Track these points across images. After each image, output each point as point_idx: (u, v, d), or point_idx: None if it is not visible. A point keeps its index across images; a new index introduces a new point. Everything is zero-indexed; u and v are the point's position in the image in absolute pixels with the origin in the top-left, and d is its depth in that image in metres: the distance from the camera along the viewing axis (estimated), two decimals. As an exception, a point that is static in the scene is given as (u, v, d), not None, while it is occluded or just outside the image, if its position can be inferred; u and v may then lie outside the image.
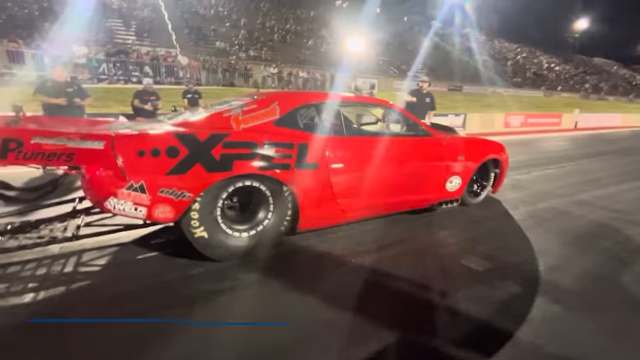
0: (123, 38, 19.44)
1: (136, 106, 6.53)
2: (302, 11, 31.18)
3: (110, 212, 1.96)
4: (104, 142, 1.87)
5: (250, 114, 2.39)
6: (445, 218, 3.34)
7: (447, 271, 2.38)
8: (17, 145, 1.71)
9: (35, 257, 2.27)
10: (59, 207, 2.61)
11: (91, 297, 1.94)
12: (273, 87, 20.11)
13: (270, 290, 2.06)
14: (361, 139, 2.83)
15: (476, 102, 21.57)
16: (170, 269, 2.23)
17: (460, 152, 3.31)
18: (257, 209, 2.42)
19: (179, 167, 2.00)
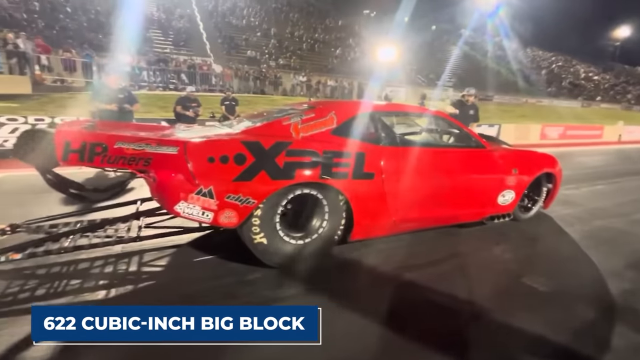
0: (162, 47, 20.41)
1: (178, 112, 6.80)
2: (330, 20, 31.58)
3: (178, 216, 2.03)
4: (178, 147, 1.95)
5: (309, 122, 2.42)
6: (496, 233, 3.22)
7: (508, 290, 2.27)
8: (102, 149, 1.81)
9: (102, 255, 2.39)
10: (121, 209, 2.74)
11: (157, 297, 2.01)
12: (302, 95, 20.38)
13: (326, 302, 2.00)
14: (415, 149, 2.79)
15: (509, 113, 20.87)
16: (228, 273, 2.27)
17: (514, 165, 3.19)
18: (312, 217, 2.43)
19: (245, 174, 2.05)
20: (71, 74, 13.12)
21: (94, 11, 19.14)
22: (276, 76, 20.51)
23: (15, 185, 4.33)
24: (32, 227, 2.38)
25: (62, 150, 1.77)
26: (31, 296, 1.91)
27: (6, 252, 1.96)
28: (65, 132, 1.83)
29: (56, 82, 12.48)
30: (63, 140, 1.78)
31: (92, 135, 1.85)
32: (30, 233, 2.34)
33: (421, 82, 26.31)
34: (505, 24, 37.23)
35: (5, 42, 11.73)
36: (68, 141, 1.78)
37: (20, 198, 3.69)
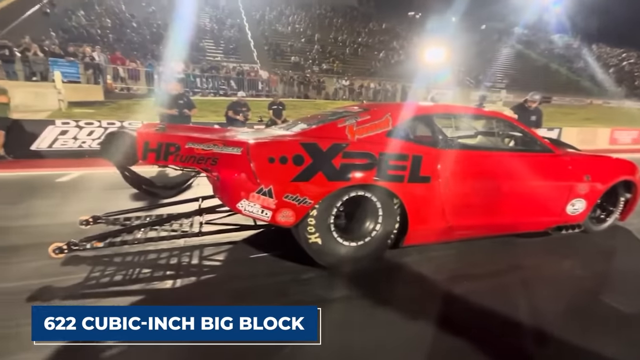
0: (213, 55, 21.67)
1: (230, 116, 7.14)
2: (374, 24, 31.38)
3: (239, 213, 2.12)
4: (241, 148, 2.05)
5: (364, 124, 2.41)
6: (564, 245, 2.96)
7: (583, 309, 2.05)
8: (175, 149, 1.96)
9: (167, 247, 2.57)
10: (183, 205, 2.93)
11: (220, 289, 2.11)
12: (344, 99, 20.43)
13: (378, 308, 1.97)
14: (475, 153, 2.66)
15: (571, 115, 19.16)
16: (282, 271, 2.33)
17: (586, 171, 2.91)
18: (365, 220, 2.41)
19: (303, 175, 2.09)
20: (136, 82, 14.41)
21: (155, 25, 20.86)
22: (319, 81, 20.79)
23: (90, 182, 4.87)
24: (110, 219, 2.65)
25: (142, 149, 1.95)
26: (110, 281, 2.11)
27: (91, 240, 2.19)
28: (145, 134, 2.01)
29: (123, 90, 13.79)
30: (143, 141, 1.96)
31: (166, 137, 2.02)
32: (108, 224, 2.60)
33: (469, 83, 25.11)
34: (565, 19, 34.23)
35: (83, 55, 13.24)
36: (147, 142, 1.96)
37: (94, 194, 4.15)
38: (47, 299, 1.89)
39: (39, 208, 3.52)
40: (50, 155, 6.73)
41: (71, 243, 2.13)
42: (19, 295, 1.90)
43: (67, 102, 10.17)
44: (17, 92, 8.17)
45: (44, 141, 6.81)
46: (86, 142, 7.07)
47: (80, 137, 7.03)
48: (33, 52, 11.64)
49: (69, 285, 2.03)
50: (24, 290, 1.94)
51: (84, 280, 2.09)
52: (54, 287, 2.01)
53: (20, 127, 6.63)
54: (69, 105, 10.17)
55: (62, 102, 9.99)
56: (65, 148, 6.91)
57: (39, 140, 6.77)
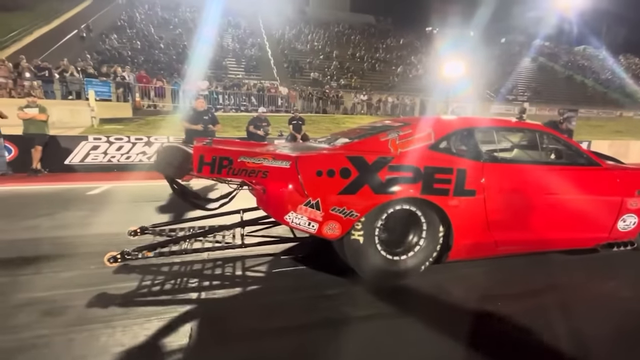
0: (235, 73, 22.42)
1: (251, 131, 7.26)
2: (391, 40, 31.77)
3: (287, 225, 2.15)
4: (290, 162, 2.09)
5: (407, 138, 2.42)
6: (605, 264, 2.81)
7: (634, 333, 1.91)
8: (228, 163, 2.03)
9: (211, 258, 2.62)
10: (220, 218, 2.99)
11: (248, 305, 2.10)
12: (362, 114, 20.58)
13: (406, 327, 1.90)
14: (519, 166, 2.61)
15: (600, 128, 18.53)
16: (309, 285, 2.32)
17: (637, 185, 2.80)
18: (409, 234, 2.39)
19: (350, 188, 2.11)
20: (162, 100, 15.03)
21: (182, 46, 21.87)
22: (337, 96, 21.08)
23: (118, 195, 5.10)
24: (156, 231, 2.73)
25: (198, 163, 2.03)
26: (161, 290, 2.16)
27: (142, 250, 2.26)
28: (201, 148, 2.09)
29: (150, 107, 14.40)
30: (199, 154, 2.04)
31: (220, 151, 2.09)
32: (155, 235, 2.68)
33: (490, 97, 24.82)
34: (588, 30, 33.61)
35: (115, 75, 14.00)
36: (202, 155, 2.03)
37: (122, 206, 4.35)
38: (105, 305, 1.96)
39: (70, 219, 3.70)
40: (82, 169, 7.11)
41: (125, 252, 2.21)
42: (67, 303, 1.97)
43: (99, 119, 10.72)
44: (54, 110, 8.72)
45: (76, 156, 7.22)
46: (115, 156, 7.44)
47: (110, 152, 7.40)
48: (70, 72, 12.39)
49: (123, 293, 2.09)
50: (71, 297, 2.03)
51: (137, 289, 2.15)
52: (109, 295, 2.08)
53: (56, 143, 7.06)
54: (100, 122, 10.71)
55: (94, 119, 10.55)
56: (96, 162, 7.29)
57: (72, 155, 7.18)
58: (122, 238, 2.74)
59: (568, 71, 30.81)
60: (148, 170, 6.81)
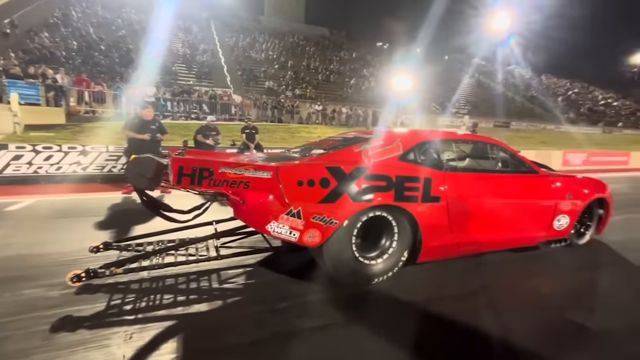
0: (185, 79, 21.56)
1: (199, 140, 6.89)
2: (345, 53, 32.94)
3: (268, 235, 2.17)
4: (271, 172, 2.12)
5: (378, 149, 2.58)
6: (531, 264, 3.11)
7: (552, 327, 2.10)
8: (209, 174, 2.00)
9: (183, 272, 2.51)
10: (191, 230, 2.89)
11: (191, 324, 1.98)
12: (317, 123, 20.97)
13: (356, 336, 1.92)
14: (475, 175, 2.91)
15: (527, 139, 20.89)
16: (258, 299, 2.24)
17: (567, 190, 3.26)
18: (380, 239, 2.54)
19: (330, 196, 2.20)
20: (101, 105, 13.92)
21: (125, 48, 20.54)
22: (293, 105, 21.26)
23: (42, 210, 4.52)
24: (121, 246, 2.56)
25: (176, 174, 1.96)
26: (134, 308, 2.03)
27: (110, 267, 2.12)
28: (180, 159, 2.02)
29: (88, 113, 13.23)
30: (177, 165, 1.97)
31: (201, 162, 2.05)
32: (120, 251, 2.51)
33: (436, 109, 26.77)
34: (517, 53, 38.15)
35: (45, 77, 12.66)
36: (182, 166, 1.98)
37: (46, 223, 3.86)
38: (72, 329, 1.79)
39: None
40: (1, 182, 6.19)
41: (90, 270, 2.05)
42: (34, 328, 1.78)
43: (24, 125, 9.55)
44: (-33, 115, 7.57)
45: (-6, 167, 6.27)
46: (43, 167, 6.58)
47: (36, 162, 6.55)
48: (-13, 73, 10.96)
49: (91, 314, 1.93)
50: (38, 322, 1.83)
51: (107, 309, 2.00)
52: (75, 317, 1.91)
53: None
54: (25, 129, 9.54)
55: (17, 125, 9.35)
56: (19, 174, 6.40)
57: (-12, 165, 6.22)
58: (41, 260, 2.49)
59: (501, 88, 34.47)
60: (83, 182, 6.26)
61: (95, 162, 6.87)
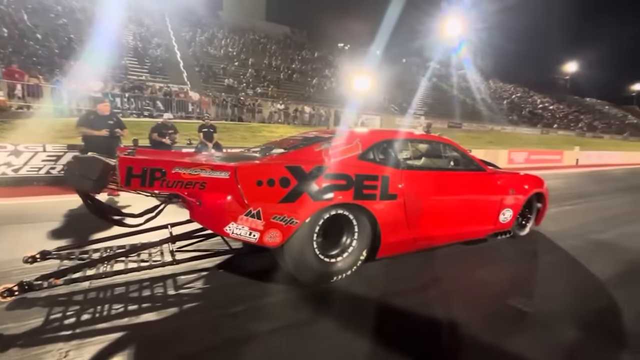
0: (137, 74, 20.27)
1: (154, 139, 6.56)
2: (306, 52, 32.96)
3: (227, 237, 2.10)
4: (229, 172, 2.06)
5: (338, 149, 2.61)
6: (477, 256, 3.29)
7: (496, 313, 2.27)
8: (161, 174, 1.89)
9: (136, 279, 2.36)
10: (144, 235, 2.73)
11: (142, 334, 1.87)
12: (280, 123, 20.80)
13: (313, 335, 1.91)
14: (429, 173, 3.05)
15: (477, 139, 22.38)
16: (211, 305, 2.16)
17: (510, 185, 3.53)
18: (341, 237, 2.58)
19: (290, 196, 2.18)
20: (37, 100, 12.65)
21: (66, 38, 18.84)
22: (254, 104, 20.88)
23: None
24: (62, 255, 2.34)
25: (125, 175, 1.83)
26: (77, 322, 1.86)
27: (48, 278, 1.93)
28: (128, 159, 1.88)
29: (22, 109, 11.96)
30: (125, 166, 1.84)
31: (152, 162, 1.92)
32: (62, 260, 2.30)
33: (394, 110, 27.73)
34: (468, 58, 40.94)
35: (-37, 68, 11.23)
36: (130, 167, 1.84)
37: None
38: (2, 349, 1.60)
39: None
40: None
41: (24, 283, 1.85)
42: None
43: None
44: None
45: None
46: None
47: None
48: None
49: (24, 332, 1.74)
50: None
51: (44, 324, 1.81)
52: (5, 336, 1.71)
53: None
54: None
55: None
56: None
57: None
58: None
59: (454, 91, 36.64)
60: (15, 186, 5.66)
61: (29, 163, 6.20)
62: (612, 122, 50.21)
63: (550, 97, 49.86)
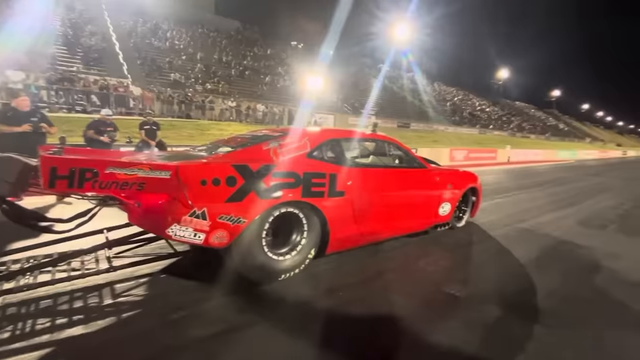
0: (67, 65, 18.33)
1: (90, 137, 5.96)
2: (259, 49, 32.33)
3: (169, 239, 2.01)
4: (170, 172, 1.97)
5: (286, 147, 2.63)
6: (418, 247, 3.48)
7: (432, 299, 2.43)
8: (92, 175, 1.75)
9: (67, 290, 2.16)
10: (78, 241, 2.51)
11: None
12: (231, 120, 20.21)
13: (257, 337, 1.88)
14: (375, 170, 3.19)
15: (424, 138, 23.80)
16: (149, 312, 2.06)
17: (448, 181, 3.83)
18: (291, 235, 2.60)
19: (237, 195, 2.15)
20: None
21: (-22, 21, 16.42)
22: (203, 101, 20.03)
23: None
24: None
25: (48, 176, 1.65)
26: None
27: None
28: (52, 158, 1.70)
29: None
30: (49, 166, 1.66)
31: (81, 161, 1.76)
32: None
33: (347, 110, 28.36)
34: (415, 62, 43.47)
35: None
36: (55, 167, 1.67)
37: None
38: None
39: None
40: None
41: None
42: None
43: None
44: None
45: None
46: None
47: None
48: None
49: None
50: None
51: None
52: None
53: None
54: None
55: None
56: None
57: None
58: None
59: (403, 92, 38.55)
60: None
61: None
62: (537, 124, 56.69)
63: (487, 100, 54.81)
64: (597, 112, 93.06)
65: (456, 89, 53.41)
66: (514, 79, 66.69)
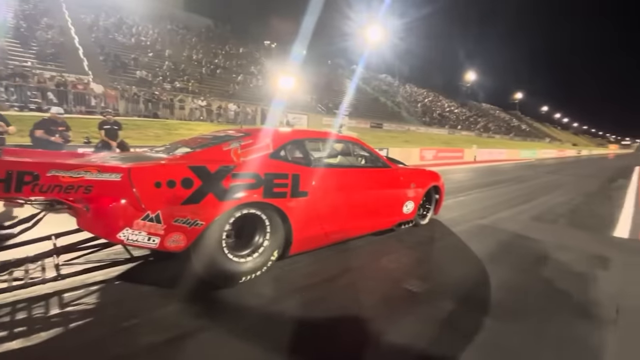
0: (20, 60, 17.11)
1: (39, 137, 5.51)
2: (230, 47, 31.71)
3: (121, 243, 1.93)
4: (121, 174, 1.90)
5: (248, 148, 2.60)
6: (382, 246, 3.54)
7: (392, 296, 2.50)
8: (32, 178, 1.65)
9: (8, 301, 2.02)
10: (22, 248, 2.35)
11: None
12: (202, 120, 19.71)
13: (213, 341, 1.83)
14: (338, 170, 3.23)
15: (395, 138, 24.33)
16: (99, 321, 1.96)
17: (411, 180, 3.95)
18: (253, 236, 2.58)
19: (194, 197, 2.10)
20: None
21: None
22: (172, 99, 19.37)
23: None
24: None
25: (-20, 180, 1.53)
26: None
27: None
28: (-16, 160, 1.58)
29: None
30: (-19, 169, 1.55)
31: (20, 164, 1.65)
32: None
33: (320, 110, 28.46)
34: (387, 63, 44.44)
35: None
36: (-12, 170, 1.56)
37: None
38: None
39: None
40: None
41: None
42: None
43: None
44: None
45: None
46: None
47: None
48: None
49: None
50: None
51: None
52: None
53: None
54: None
55: None
56: None
57: None
58: None
59: (376, 93, 39.27)
60: None
61: None
62: (501, 125, 59.75)
63: (455, 102, 57.04)
64: (555, 114, 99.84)
65: (426, 90, 55.17)
66: (480, 81, 70.22)
